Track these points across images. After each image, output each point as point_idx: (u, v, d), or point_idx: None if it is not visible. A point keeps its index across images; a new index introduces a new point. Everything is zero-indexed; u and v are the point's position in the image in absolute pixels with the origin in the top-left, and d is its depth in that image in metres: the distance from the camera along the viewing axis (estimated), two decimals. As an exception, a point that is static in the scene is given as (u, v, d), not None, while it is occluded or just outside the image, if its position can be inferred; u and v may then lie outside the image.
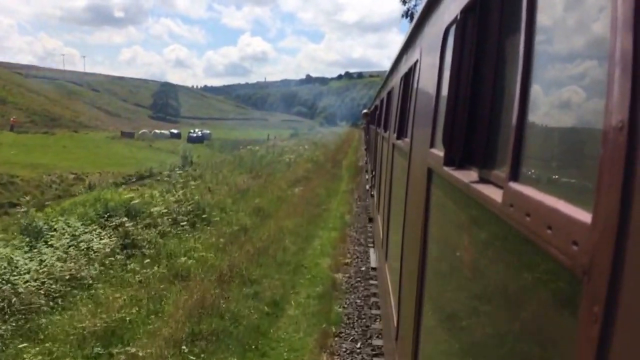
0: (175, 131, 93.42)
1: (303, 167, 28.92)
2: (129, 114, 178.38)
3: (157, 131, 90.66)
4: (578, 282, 0.79)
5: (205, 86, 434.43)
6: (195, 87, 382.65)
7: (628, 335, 0.66)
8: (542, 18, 1.16)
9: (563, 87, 1.06)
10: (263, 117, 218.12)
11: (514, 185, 1.16)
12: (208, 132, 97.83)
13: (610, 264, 0.69)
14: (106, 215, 13.15)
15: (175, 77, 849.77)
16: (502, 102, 1.55)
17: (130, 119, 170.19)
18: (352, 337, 7.83)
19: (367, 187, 16.01)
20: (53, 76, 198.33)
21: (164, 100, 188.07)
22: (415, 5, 27.01)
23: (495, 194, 1.32)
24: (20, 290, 8.07)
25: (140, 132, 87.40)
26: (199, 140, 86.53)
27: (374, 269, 8.90)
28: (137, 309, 8.18)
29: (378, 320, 7.83)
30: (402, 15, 28.50)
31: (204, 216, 14.30)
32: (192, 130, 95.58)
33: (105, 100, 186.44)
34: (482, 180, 1.57)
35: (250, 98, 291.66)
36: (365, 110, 20.22)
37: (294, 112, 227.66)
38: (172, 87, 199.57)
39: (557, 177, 1.10)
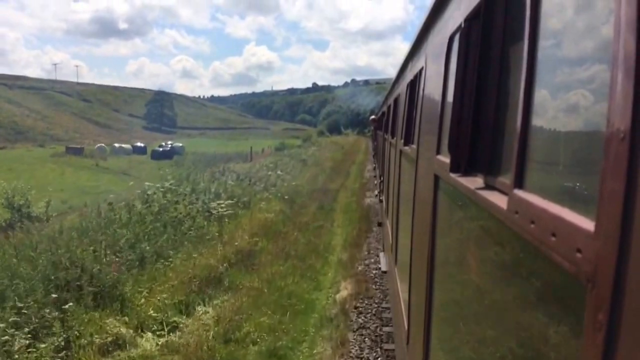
0: (141, 144, 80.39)
1: (257, 220, 14.32)
2: (121, 125, 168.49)
3: (116, 145, 77.89)
4: (582, 289, 0.79)
5: (212, 96, 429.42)
6: (202, 97, 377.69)
7: (633, 343, 0.66)
8: (546, 25, 1.18)
9: (567, 94, 1.08)
10: (265, 126, 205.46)
11: (519, 192, 1.16)
12: (180, 145, 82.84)
13: (613, 272, 0.70)
14: None
15: (183, 88, 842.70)
16: (507, 108, 1.56)
17: (122, 130, 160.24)
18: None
19: (376, 192, 15.63)
20: (42, 87, 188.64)
21: (158, 110, 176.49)
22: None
23: (500, 200, 1.33)
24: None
25: (96, 146, 75.23)
26: (167, 155, 71.98)
27: (384, 272, 8.41)
28: None
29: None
30: None
31: None
32: (163, 143, 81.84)
33: (96, 111, 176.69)
34: (488, 186, 1.58)
35: (255, 106, 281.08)
36: (372, 117, 20.20)
37: (298, 120, 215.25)
38: (167, 95, 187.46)
39: (561, 184, 1.11)
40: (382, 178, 12.05)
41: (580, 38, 1.03)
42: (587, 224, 0.80)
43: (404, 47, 6.49)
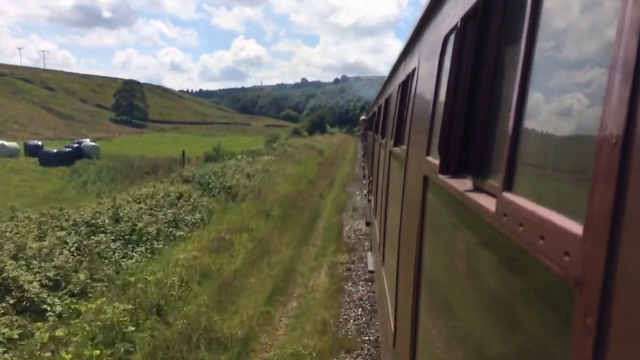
0: (37, 142, 54.04)
1: None
2: (86, 117, 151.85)
3: (-3, 142, 54.32)
4: (571, 293, 0.79)
5: (201, 90, 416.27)
6: (191, 91, 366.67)
7: (622, 347, 0.66)
8: (545, 27, 1.17)
9: (560, 98, 1.09)
10: (246, 121, 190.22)
11: (508, 195, 1.17)
12: (93, 144, 56.75)
13: (602, 276, 0.70)
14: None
15: (172, 82, 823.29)
16: (499, 111, 1.55)
17: (86, 122, 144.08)
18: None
19: (365, 192, 15.45)
20: (2, 72, 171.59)
21: (128, 101, 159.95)
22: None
23: (489, 203, 1.33)
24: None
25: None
26: (65, 160, 46.86)
27: (371, 272, 8.28)
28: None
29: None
30: None
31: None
32: (77, 141, 55.63)
33: (59, 100, 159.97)
34: (477, 189, 1.58)
35: (240, 101, 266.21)
36: (363, 117, 19.67)
37: (282, 116, 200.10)
38: (137, 85, 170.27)
39: (550, 187, 1.11)
40: (371, 178, 12.02)
41: (579, 41, 1.02)
42: (576, 228, 0.79)
43: (396, 44, 6.31)
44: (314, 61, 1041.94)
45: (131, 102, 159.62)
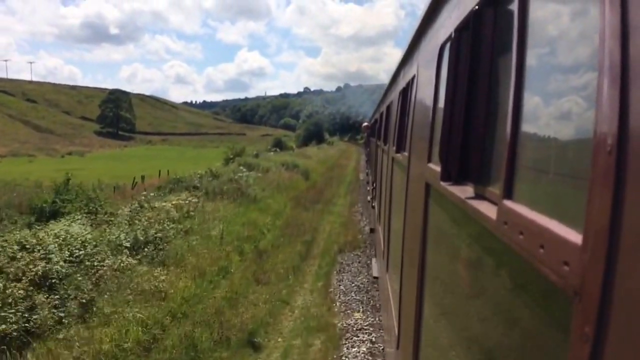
0: None
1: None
2: (68, 130, 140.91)
3: None
4: (569, 302, 0.79)
5: (204, 101, 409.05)
6: (195, 102, 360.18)
7: (619, 356, 0.66)
8: (533, 36, 1.20)
9: (555, 104, 1.09)
10: (241, 131, 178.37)
11: (508, 203, 1.17)
12: None
13: (600, 285, 0.70)
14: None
15: (176, 94, 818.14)
16: (496, 118, 1.57)
17: (66, 135, 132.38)
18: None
19: (369, 198, 15.48)
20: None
21: (114, 112, 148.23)
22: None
23: (490, 210, 1.33)
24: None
25: None
26: None
27: (375, 278, 8.55)
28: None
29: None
30: None
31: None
32: None
33: (40, 113, 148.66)
34: (478, 196, 1.58)
35: (240, 110, 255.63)
36: (365, 123, 19.66)
37: (281, 124, 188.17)
38: (124, 95, 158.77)
39: (550, 195, 1.11)
40: (374, 184, 11.96)
41: (567, 48, 1.05)
42: (575, 237, 0.79)
43: (396, 53, 5.35)
44: (316, 71, 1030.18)
45: (117, 113, 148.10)
